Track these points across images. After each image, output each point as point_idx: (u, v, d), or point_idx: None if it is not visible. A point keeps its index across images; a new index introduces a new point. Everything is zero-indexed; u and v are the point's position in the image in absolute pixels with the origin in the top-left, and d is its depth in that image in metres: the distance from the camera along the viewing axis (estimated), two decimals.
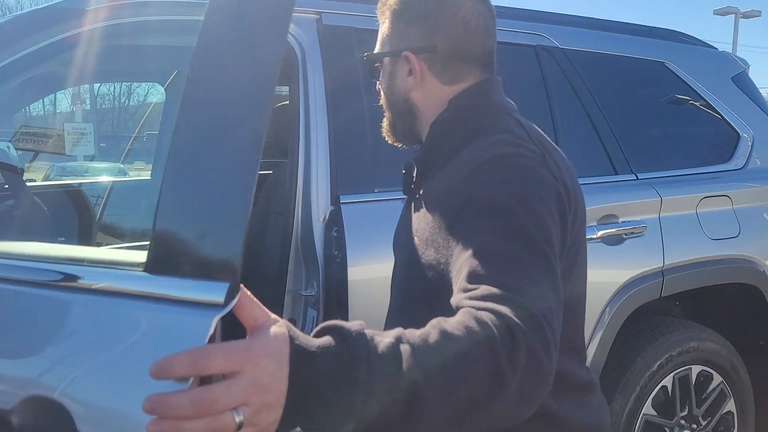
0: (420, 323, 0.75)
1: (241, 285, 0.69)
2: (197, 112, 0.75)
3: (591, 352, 2.22)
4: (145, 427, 0.60)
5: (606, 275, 2.26)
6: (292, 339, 0.65)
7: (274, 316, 0.68)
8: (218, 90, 0.75)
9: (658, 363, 2.38)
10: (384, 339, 0.68)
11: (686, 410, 2.49)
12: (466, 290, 0.81)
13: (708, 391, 2.54)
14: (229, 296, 0.69)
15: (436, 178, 1.09)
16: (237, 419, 0.60)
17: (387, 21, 1.14)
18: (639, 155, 2.52)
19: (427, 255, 1.02)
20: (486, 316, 0.74)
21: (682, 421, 2.48)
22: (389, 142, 1.23)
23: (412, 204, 1.16)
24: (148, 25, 1.88)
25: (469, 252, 0.86)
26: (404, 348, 0.68)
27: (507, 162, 0.96)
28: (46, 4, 1.84)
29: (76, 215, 2.85)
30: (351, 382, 0.65)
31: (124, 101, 29.78)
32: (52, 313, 0.89)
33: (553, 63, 2.45)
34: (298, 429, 0.67)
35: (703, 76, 2.82)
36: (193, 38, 0.77)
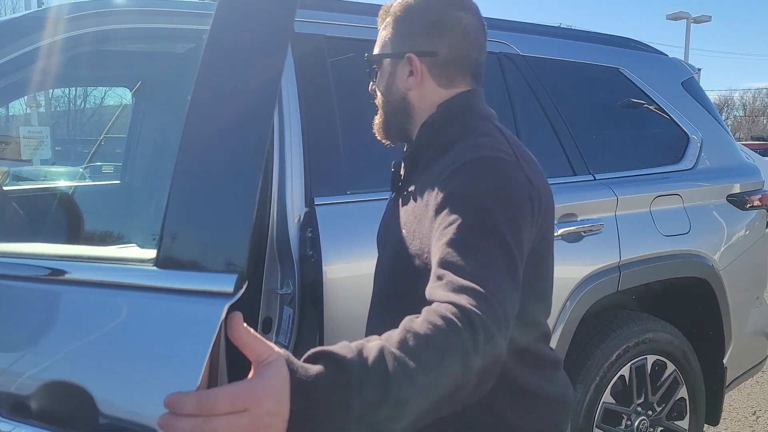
0: (405, 309, 0.84)
1: (245, 325, 0.73)
2: (206, 113, 0.80)
3: (553, 343, 2.29)
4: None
5: (566, 271, 2.34)
6: (292, 373, 0.71)
7: (276, 350, 0.73)
8: (225, 94, 0.81)
9: (616, 353, 2.48)
10: (370, 354, 0.74)
11: (642, 398, 2.60)
12: (435, 277, 0.92)
13: (662, 379, 2.66)
14: (238, 286, 0.75)
15: (423, 176, 1.17)
16: None
17: (389, 27, 1.22)
18: (596, 157, 2.61)
19: (414, 245, 1.12)
20: (448, 309, 0.82)
21: (639, 408, 2.59)
22: (379, 139, 1.30)
23: (400, 200, 1.24)
24: (114, 33, 1.91)
25: (444, 241, 0.95)
26: (389, 359, 0.74)
27: (486, 164, 1.06)
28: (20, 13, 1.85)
29: (64, 218, 2.83)
30: (348, 403, 0.71)
31: (80, 104, 28.89)
32: (68, 308, 0.94)
33: (515, 70, 2.54)
34: None
35: (655, 81, 2.94)
36: (159, 45, 0.83)
